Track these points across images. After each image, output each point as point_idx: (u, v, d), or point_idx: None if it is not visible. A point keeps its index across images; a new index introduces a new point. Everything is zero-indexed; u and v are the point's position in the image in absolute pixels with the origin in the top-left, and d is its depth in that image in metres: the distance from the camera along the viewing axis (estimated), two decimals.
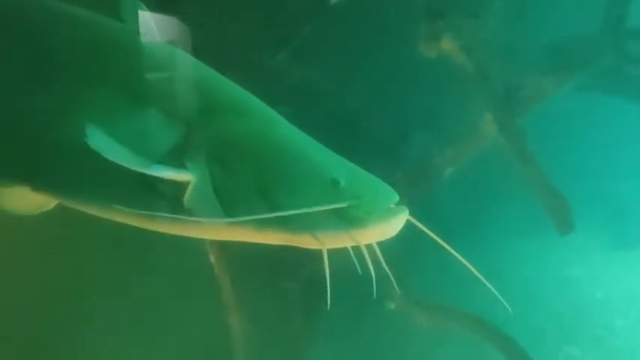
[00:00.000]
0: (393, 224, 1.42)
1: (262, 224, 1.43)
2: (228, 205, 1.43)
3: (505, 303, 1.53)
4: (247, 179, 1.43)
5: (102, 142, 1.36)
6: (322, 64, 3.10)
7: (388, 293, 3.01)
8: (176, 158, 1.44)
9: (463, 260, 1.46)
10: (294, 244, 1.49)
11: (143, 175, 1.38)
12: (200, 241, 2.78)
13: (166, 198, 1.44)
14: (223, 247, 2.84)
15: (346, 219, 1.41)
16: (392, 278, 1.53)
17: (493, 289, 1.48)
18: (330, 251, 1.49)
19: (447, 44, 2.94)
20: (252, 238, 1.51)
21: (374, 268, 1.51)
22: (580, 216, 4.73)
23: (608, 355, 3.89)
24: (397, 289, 1.61)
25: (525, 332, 4.03)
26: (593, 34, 2.74)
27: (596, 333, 4.01)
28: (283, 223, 1.42)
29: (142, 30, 1.57)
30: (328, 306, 1.52)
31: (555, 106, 3.53)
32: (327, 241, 1.44)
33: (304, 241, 1.46)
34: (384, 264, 1.48)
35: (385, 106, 3.08)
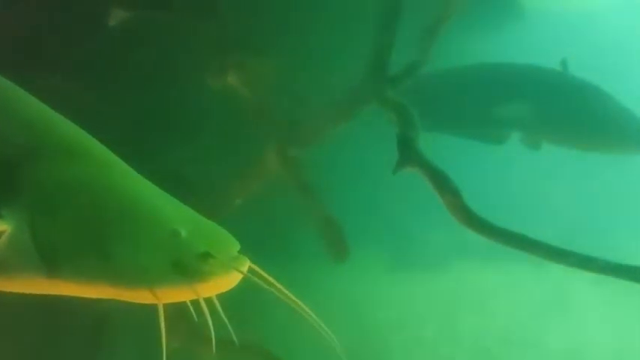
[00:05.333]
0: (235, 275, 1.40)
1: (92, 278, 1.35)
2: (51, 257, 1.33)
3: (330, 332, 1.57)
4: (75, 229, 1.35)
5: None
6: (102, 89, 3.07)
7: (173, 332, 3.02)
8: None
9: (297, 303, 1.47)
10: (127, 300, 1.42)
11: None
12: None
13: None
14: None
15: (188, 272, 1.37)
16: (227, 324, 1.50)
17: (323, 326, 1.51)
18: None
19: (233, 78, 3.11)
20: (80, 293, 1.42)
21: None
22: (366, 241, 5.26)
23: None
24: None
25: (313, 356, 4.34)
26: (361, 81, 3.14)
27: (375, 351, 4.45)
28: (117, 277, 1.36)
29: None
30: None
31: (337, 139, 3.93)
32: (165, 297, 1.37)
33: (139, 297, 1.39)
34: (221, 313, 1.45)
35: (171, 137, 3.14)
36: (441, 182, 2.37)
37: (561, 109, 4.52)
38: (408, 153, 2.49)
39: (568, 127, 4.56)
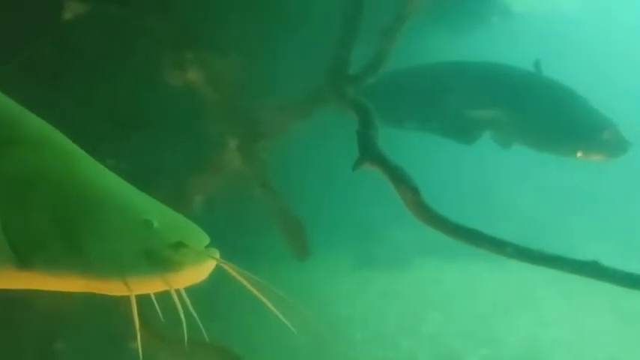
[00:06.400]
0: (206, 267, 1.41)
1: (64, 269, 1.33)
2: (23, 248, 1.31)
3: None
4: (46, 219, 1.33)
5: None
6: (56, 82, 2.99)
7: (131, 332, 2.94)
8: None
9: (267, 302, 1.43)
10: (98, 292, 1.40)
11: None
12: None
13: None
14: None
15: (160, 262, 1.36)
16: (198, 320, 1.46)
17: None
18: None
19: (193, 75, 3.06)
20: (50, 286, 1.39)
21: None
22: (330, 239, 5.26)
23: None
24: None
25: (276, 354, 4.32)
26: (322, 81, 3.12)
27: (338, 348, 4.44)
28: (88, 268, 1.33)
29: None
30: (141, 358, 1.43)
31: (300, 136, 3.90)
32: (137, 287, 1.36)
33: (111, 288, 1.37)
34: (190, 307, 1.42)
35: (127, 133, 3.07)
36: (400, 179, 2.36)
37: (531, 110, 4.42)
38: (367, 151, 2.47)
39: (537, 129, 4.46)
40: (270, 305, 1.42)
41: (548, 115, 4.42)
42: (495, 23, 6.76)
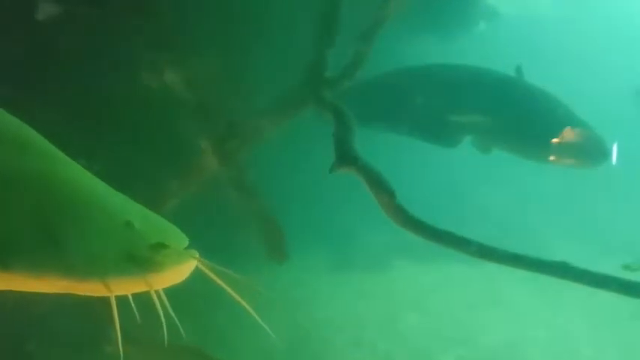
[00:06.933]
0: (186, 267, 1.43)
1: (44, 270, 1.33)
2: (2, 249, 1.30)
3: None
4: (26, 220, 1.33)
5: None
6: (34, 85, 2.95)
7: (105, 336, 2.92)
8: None
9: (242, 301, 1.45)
10: (78, 292, 1.39)
11: None
12: None
13: None
14: None
15: (142, 263, 1.37)
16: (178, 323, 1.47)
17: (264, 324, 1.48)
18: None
19: (170, 76, 3.04)
20: (30, 287, 1.38)
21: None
22: (307, 241, 5.25)
23: None
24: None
25: (255, 358, 4.30)
26: (299, 84, 3.13)
27: (315, 351, 4.45)
28: (69, 270, 1.33)
29: None
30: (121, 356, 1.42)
31: (278, 139, 3.90)
32: (117, 288, 1.37)
33: (91, 289, 1.37)
34: (169, 309, 1.42)
35: (103, 135, 3.04)
36: (376, 183, 2.38)
37: (510, 115, 4.44)
38: (344, 154, 2.49)
39: (516, 134, 4.47)
40: (248, 307, 1.44)
41: (527, 121, 4.44)
42: (481, 27, 6.83)
